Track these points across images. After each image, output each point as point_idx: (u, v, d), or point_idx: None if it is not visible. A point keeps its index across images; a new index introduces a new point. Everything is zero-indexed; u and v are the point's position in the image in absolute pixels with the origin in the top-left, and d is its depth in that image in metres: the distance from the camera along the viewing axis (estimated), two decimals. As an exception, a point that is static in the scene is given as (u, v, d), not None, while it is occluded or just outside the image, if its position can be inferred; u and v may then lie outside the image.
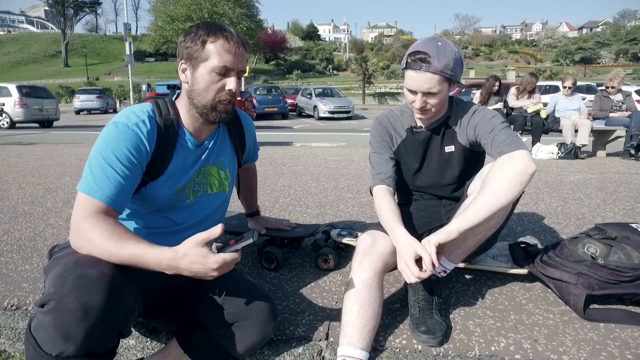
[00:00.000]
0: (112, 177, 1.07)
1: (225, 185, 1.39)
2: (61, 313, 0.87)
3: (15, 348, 1.44)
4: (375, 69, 33.80)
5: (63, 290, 0.89)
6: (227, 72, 1.15)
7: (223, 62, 1.13)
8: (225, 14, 38.18)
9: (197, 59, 1.14)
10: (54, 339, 0.89)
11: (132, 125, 1.12)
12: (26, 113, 12.40)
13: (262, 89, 18.69)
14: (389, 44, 75.11)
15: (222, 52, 1.13)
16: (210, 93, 1.16)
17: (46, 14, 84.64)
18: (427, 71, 1.33)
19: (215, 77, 1.15)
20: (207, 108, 1.18)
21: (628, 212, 2.75)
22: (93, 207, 1.04)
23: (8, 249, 2.05)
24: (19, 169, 4.60)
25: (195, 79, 1.16)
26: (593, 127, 5.58)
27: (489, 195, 1.23)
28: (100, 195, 1.05)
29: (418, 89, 1.37)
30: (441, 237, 1.21)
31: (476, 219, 1.22)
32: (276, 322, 1.22)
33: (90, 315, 0.88)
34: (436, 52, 1.33)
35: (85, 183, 1.07)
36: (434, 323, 1.30)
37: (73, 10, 56.88)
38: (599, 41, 66.61)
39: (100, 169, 1.07)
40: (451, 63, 1.34)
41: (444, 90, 1.38)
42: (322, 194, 3.28)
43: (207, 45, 1.13)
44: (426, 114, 1.46)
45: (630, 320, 1.37)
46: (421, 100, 1.39)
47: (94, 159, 1.09)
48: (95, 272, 0.92)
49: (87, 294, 0.89)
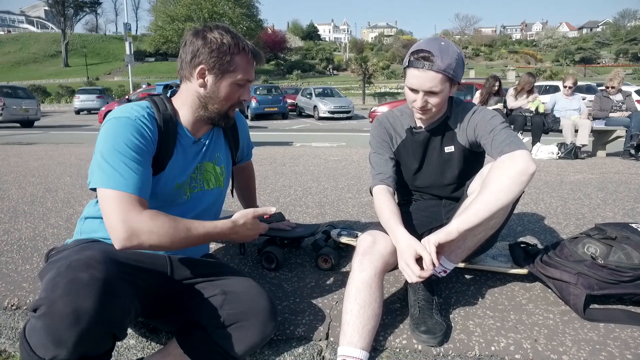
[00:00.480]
0: (135, 168, 1.08)
1: (221, 181, 1.41)
2: (52, 318, 0.87)
3: (15, 348, 1.44)
4: (375, 69, 33.79)
5: (54, 295, 0.88)
6: (245, 83, 1.23)
7: (247, 75, 1.22)
8: (225, 14, 38.20)
9: (225, 71, 1.19)
10: (45, 343, 0.88)
11: (135, 120, 1.13)
12: (5, 113, 12.69)
13: (262, 89, 18.68)
14: (389, 44, 75.19)
15: (247, 66, 1.22)
16: (229, 102, 1.24)
17: (46, 14, 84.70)
18: (430, 70, 1.33)
19: (236, 88, 1.23)
20: (220, 115, 1.25)
21: (628, 212, 2.75)
22: (130, 202, 1.04)
23: (8, 249, 2.05)
24: (19, 168, 4.60)
25: (218, 88, 1.21)
26: (593, 127, 5.58)
27: (489, 196, 1.23)
28: (133, 189, 1.05)
29: (420, 87, 1.37)
30: (441, 237, 1.21)
31: (476, 219, 1.22)
32: (276, 322, 1.22)
33: (82, 320, 0.87)
34: (439, 51, 1.33)
35: (110, 179, 1.05)
36: (434, 323, 1.30)
37: (73, 10, 56.94)
38: (599, 41, 66.64)
39: (121, 162, 1.06)
40: (453, 63, 1.34)
41: (445, 90, 1.38)
42: (322, 194, 3.28)
43: (235, 58, 1.18)
44: (427, 114, 1.45)
45: (630, 320, 1.37)
46: (422, 100, 1.39)
47: (108, 154, 1.07)
48: (86, 275, 0.91)
49: (78, 299, 0.87)
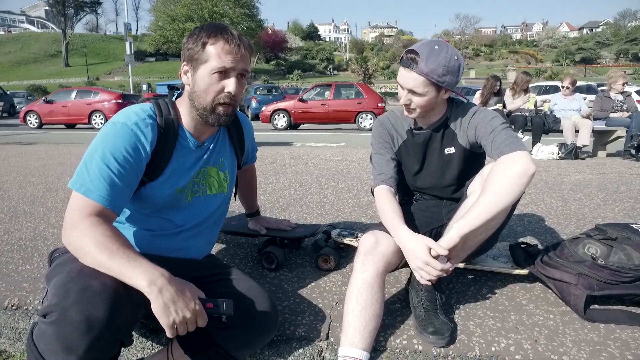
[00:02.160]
0: (108, 178, 1.05)
1: (225, 187, 1.39)
2: (64, 325, 0.87)
3: (15, 348, 1.44)
4: (375, 69, 33.93)
5: (66, 303, 0.88)
6: (226, 73, 1.15)
7: (222, 63, 1.13)
8: (225, 14, 38.19)
9: (197, 60, 1.14)
10: (55, 350, 0.88)
11: (131, 125, 1.12)
12: None
13: (263, 89, 18.70)
14: (389, 44, 75.19)
15: (222, 53, 1.13)
16: (210, 95, 1.16)
17: (46, 14, 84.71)
18: (413, 71, 1.35)
19: (214, 79, 1.14)
20: (207, 110, 1.18)
21: (628, 212, 2.75)
22: (89, 208, 1.02)
23: (9, 249, 2.05)
24: (19, 168, 4.60)
25: (195, 80, 1.16)
26: (594, 127, 5.58)
27: (490, 198, 1.23)
28: (96, 197, 1.03)
29: (404, 85, 1.40)
30: (444, 244, 1.22)
31: (477, 221, 1.22)
32: (277, 323, 1.22)
33: (93, 328, 0.87)
34: (427, 54, 1.33)
35: (79, 182, 1.05)
36: (441, 323, 1.30)
37: (73, 10, 56.93)
38: (600, 41, 66.62)
39: (97, 168, 1.05)
40: (440, 69, 1.33)
41: (430, 94, 1.38)
42: (323, 194, 3.28)
43: (207, 47, 1.13)
44: (411, 113, 1.47)
45: (631, 321, 1.37)
46: (406, 97, 1.42)
47: (89, 158, 1.07)
48: (98, 283, 0.91)
49: (90, 307, 0.88)
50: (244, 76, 1.19)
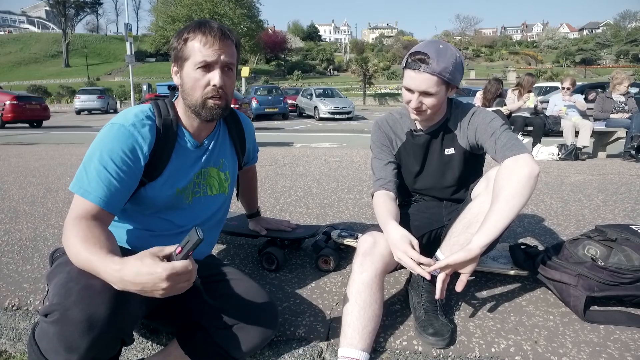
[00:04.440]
0: (106, 179, 1.06)
1: (225, 187, 1.39)
2: (66, 325, 0.87)
3: (15, 348, 1.44)
4: (375, 69, 33.82)
5: (67, 302, 0.88)
6: (210, 67, 1.14)
7: (203, 57, 1.12)
8: (226, 15, 38.20)
9: (181, 58, 1.16)
10: (57, 349, 0.89)
11: (129, 126, 1.12)
12: None
13: (263, 90, 18.68)
14: (390, 44, 75.24)
15: (201, 47, 1.12)
16: (197, 90, 1.16)
17: (47, 14, 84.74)
18: (425, 72, 1.34)
19: (199, 73, 1.14)
20: (198, 106, 1.17)
21: (628, 213, 2.75)
22: (85, 210, 1.04)
23: (9, 249, 2.05)
24: (19, 169, 4.60)
25: (183, 79, 1.17)
26: (594, 128, 5.58)
27: (503, 204, 1.23)
28: (93, 198, 1.05)
29: (416, 88, 1.38)
30: (462, 256, 1.21)
31: (496, 230, 1.22)
32: (277, 323, 1.22)
33: (95, 327, 0.87)
34: (436, 54, 1.34)
35: (78, 184, 1.07)
36: (441, 324, 1.30)
37: (74, 10, 56.99)
38: (600, 42, 66.61)
39: (94, 170, 1.06)
40: (450, 67, 1.34)
41: (441, 93, 1.39)
42: (323, 194, 3.28)
43: (188, 43, 1.14)
44: (421, 115, 1.46)
45: (631, 322, 1.37)
46: (417, 100, 1.40)
47: (88, 161, 1.08)
48: (99, 282, 0.91)
49: (92, 306, 0.88)
50: (230, 68, 1.17)
